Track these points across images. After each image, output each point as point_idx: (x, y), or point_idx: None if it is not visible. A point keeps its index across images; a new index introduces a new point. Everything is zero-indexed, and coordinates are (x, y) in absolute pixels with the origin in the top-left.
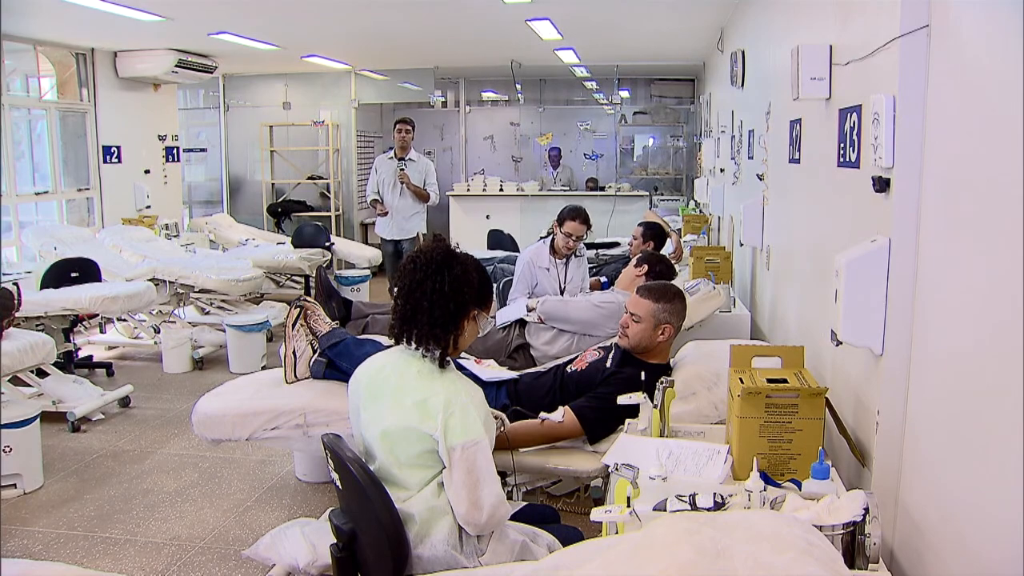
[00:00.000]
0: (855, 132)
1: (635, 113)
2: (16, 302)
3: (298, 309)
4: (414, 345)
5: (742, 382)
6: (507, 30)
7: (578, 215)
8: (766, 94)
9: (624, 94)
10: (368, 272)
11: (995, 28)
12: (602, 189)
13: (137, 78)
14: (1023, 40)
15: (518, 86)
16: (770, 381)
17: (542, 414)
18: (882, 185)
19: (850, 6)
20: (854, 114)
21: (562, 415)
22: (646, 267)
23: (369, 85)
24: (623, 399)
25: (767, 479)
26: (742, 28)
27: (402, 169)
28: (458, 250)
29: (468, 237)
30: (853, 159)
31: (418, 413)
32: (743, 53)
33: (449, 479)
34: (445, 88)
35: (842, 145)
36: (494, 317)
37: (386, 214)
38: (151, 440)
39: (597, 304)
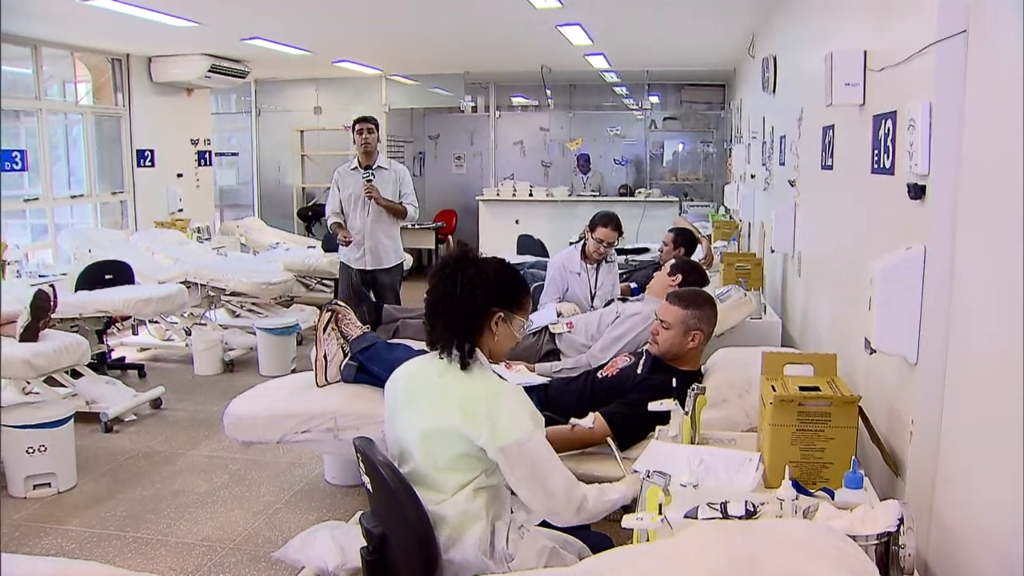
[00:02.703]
0: (890, 138)
1: (665, 119)
2: (52, 304)
3: (329, 313)
4: (439, 350)
5: (774, 390)
6: (537, 35)
7: (610, 221)
8: (798, 100)
9: (654, 99)
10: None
11: None
12: (632, 195)
13: (171, 83)
14: None
15: (548, 91)
16: (802, 389)
17: (572, 420)
18: (917, 192)
19: (885, 11)
20: (889, 120)
21: (593, 421)
22: (680, 276)
23: (399, 90)
24: (654, 405)
25: (799, 488)
26: (774, 33)
27: (369, 180)
28: (479, 254)
29: (497, 242)
30: (887, 165)
31: (461, 415)
32: (775, 59)
33: (513, 479)
34: (475, 93)
35: (876, 151)
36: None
37: (350, 243)
38: (182, 441)
39: (619, 336)
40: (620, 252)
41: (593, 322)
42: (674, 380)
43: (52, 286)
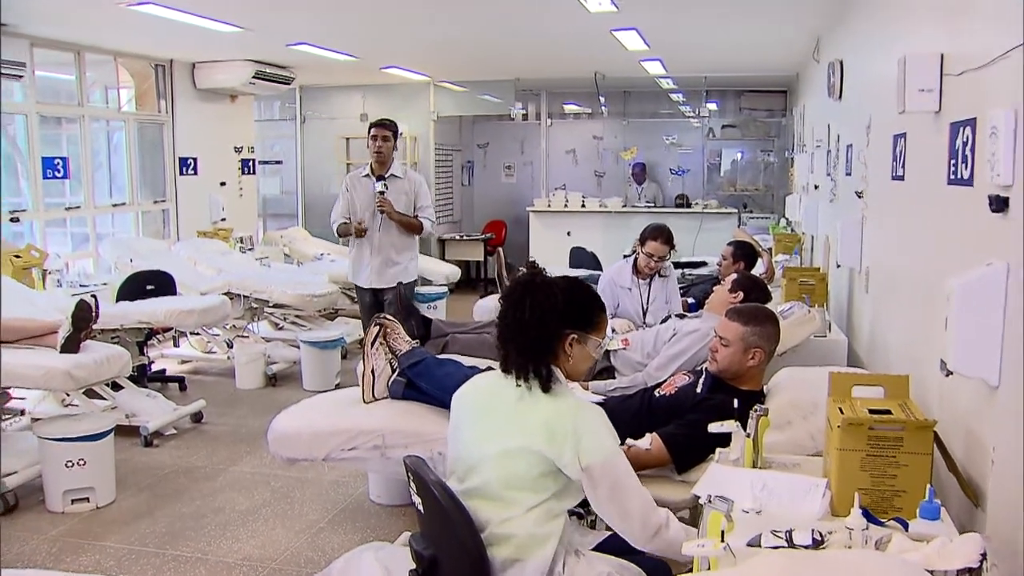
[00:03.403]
0: (968, 147)
1: (723, 126)
2: (94, 314)
3: (378, 327)
4: (514, 374)
5: (842, 412)
6: (591, 40)
7: (660, 234)
8: (867, 106)
9: (712, 106)
10: (446, 289)
11: None
12: (688, 206)
13: (214, 89)
14: None
15: (601, 98)
16: (872, 412)
17: (628, 440)
18: (999, 204)
19: (964, 12)
20: (967, 128)
21: (649, 442)
22: (741, 293)
23: (448, 97)
24: (714, 427)
25: (870, 517)
26: (841, 36)
27: (381, 192)
28: (546, 275)
29: (548, 255)
30: (966, 176)
31: (545, 437)
32: (841, 63)
33: (595, 498)
34: (526, 100)
35: (953, 161)
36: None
37: (364, 232)
38: (223, 457)
39: (676, 354)
40: (676, 266)
41: (649, 339)
42: (735, 400)
43: (94, 296)
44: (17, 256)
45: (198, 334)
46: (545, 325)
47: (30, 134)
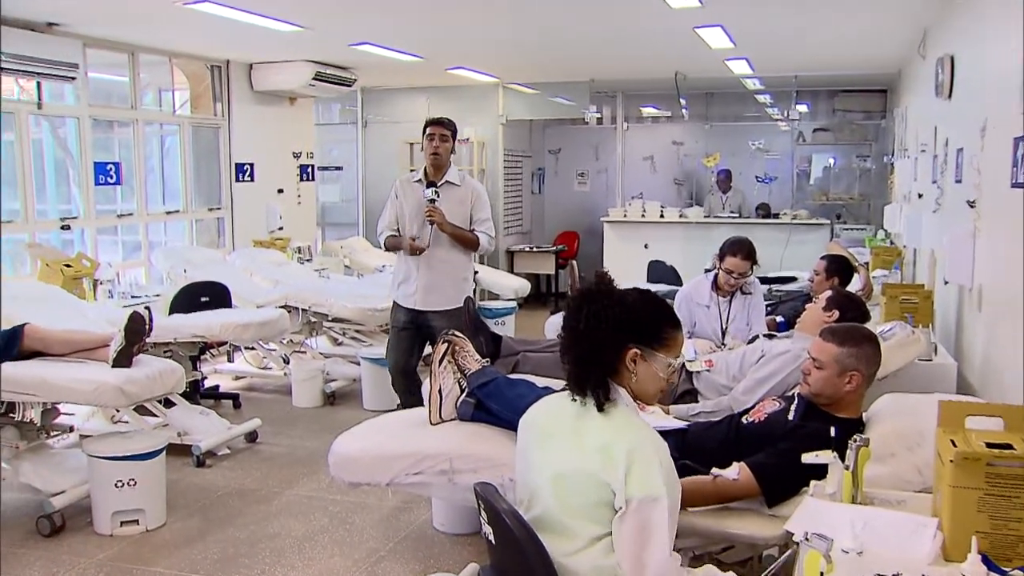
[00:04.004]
0: None
1: (815, 130)
2: (147, 327)
3: (446, 344)
4: (582, 393)
5: (954, 445)
6: (672, 38)
7: (739, 249)
8: (981, 106)
9: (802, 108)
10: (514, 304)
11: None
12: (775, 216)
13: (272, 91)
14: None
15: (682, 100)
16: (989, 446)
17: (714, 470)
18: None
19: None
20: None
21: (737, 472)
22: (837, 313)
23: (518, 100)
24: (808, 457)
25: (990, 564)
26: (951, 28)
27: (433, 200)
28: (611, 284)
29: (624, 268)
30: None
31: (600, 459)
32: (951, 58)
33: (619, 528)
34: (601, 103)
35: None
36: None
37: (422, 250)
38: (279, 479)
39: (765, 377)
40: (763, 281)
41: (735, 361)
42: (832, 428)
43: (147, 308)
44: (68, 265)
45: (253, 349)
46: (601, 336)
47: (82, 138)
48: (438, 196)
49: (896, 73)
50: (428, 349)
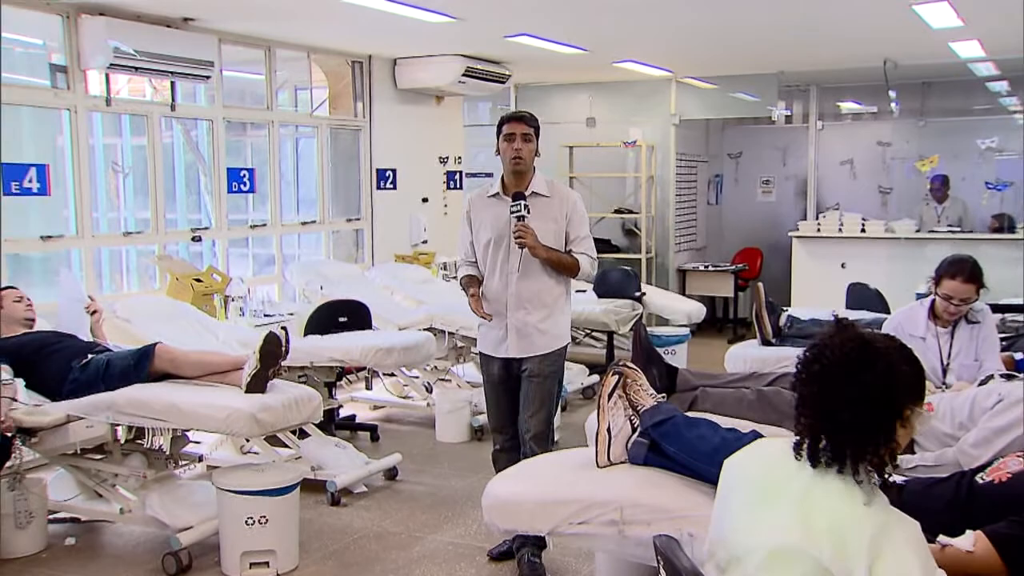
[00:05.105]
0: None
1: None
2: (284, 349)
3: (616, 376)
4: (828, 464)
5: None
6: (882, 19)
7: (960, 271)
8: None
9: None
10: (687, 331)
11: None
12: (1011, 230)
13: (418, 89)
14: None
15: (892, 94)
16: None
17: (942, 538)
18: None
19: None
20: None
21: (973, 542)
22: None
23: (693, 96)
24: None
25: None
26: None
27: (521, 217)
28: (874, 336)
29: (817, 291)
30: None
31: (830, 544)
32: None
33: None
34: (790, 98)
35: None
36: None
37: (487, 317)
38: (421, 522)
39: (1002, 428)
40: (996, 309)
41: (962, 406)
42: None
43: (284, 328)
44: (198, 280)
45: (394, 376)
46: (889, 404)
47: (215, 142)
48: (527, 211)
49: None
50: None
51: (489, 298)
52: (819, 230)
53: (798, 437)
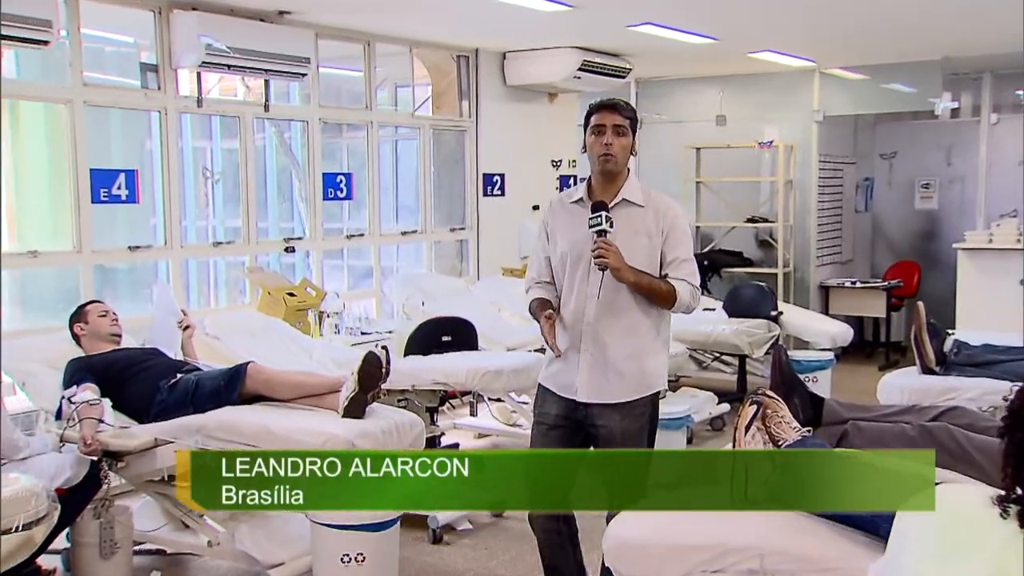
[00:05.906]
0: None
1: None
2: (384, 370)
3: (755, 407)
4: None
5: None
6: None
7: None
8: None
9: None
10: (831, 355)
11: None
12: None
13: (529, 86)
14: None
15: None
16: None
17: None
18: None
19: None
20: None
21: None
22: None
23: (838, 89)
24: None
25: None
26: None
27: (603, 232)
28: None
29: (988, 312)
30: None
31: None
32: None
33: None
34: (957, 89)
35: None
36: None
37: (559, 352)
38: (530, 565)
39: None
40: None
41: None
42: None
43: (384, 348)
44: (291, 294)
45: (501, 401)
46: None
47: (310, 145)
48: (611, 225)
49: None
50: None
51: (564, 326)
52: (991, 241)
53: (1005, 491)
